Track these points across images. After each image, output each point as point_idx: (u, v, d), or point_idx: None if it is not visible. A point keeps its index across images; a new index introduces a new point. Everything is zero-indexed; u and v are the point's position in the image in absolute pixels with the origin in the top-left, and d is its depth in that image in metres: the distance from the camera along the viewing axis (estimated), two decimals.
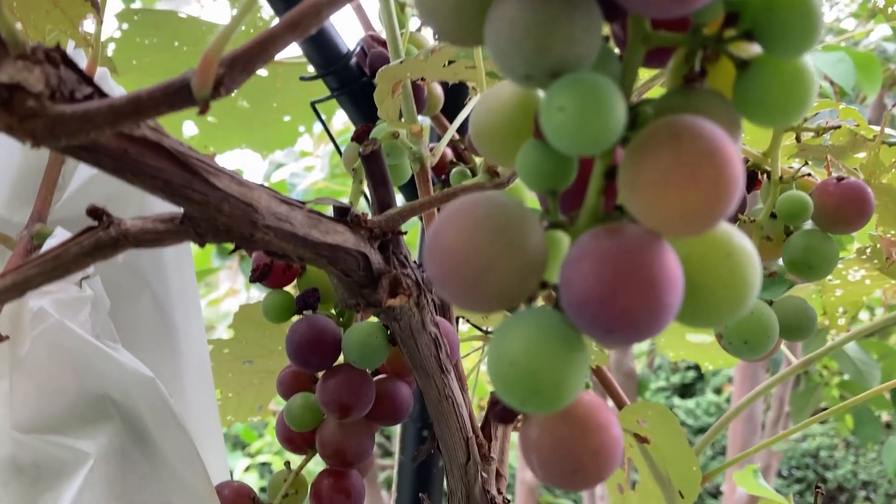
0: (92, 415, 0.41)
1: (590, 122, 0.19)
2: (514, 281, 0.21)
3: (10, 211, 0.45)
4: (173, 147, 0.27)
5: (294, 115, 0.91)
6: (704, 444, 0.69)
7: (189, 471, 0.41)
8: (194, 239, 0.29)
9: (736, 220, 0.40)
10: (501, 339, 0.21)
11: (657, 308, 0.19)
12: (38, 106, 0.22)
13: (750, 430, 2.11)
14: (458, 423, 0.39)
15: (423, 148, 0.49)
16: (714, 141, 0.19)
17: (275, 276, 0.44)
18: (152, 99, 0.23)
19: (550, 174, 0.22)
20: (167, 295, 0.49)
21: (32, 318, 0.39)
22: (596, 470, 0.23)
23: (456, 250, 0.21)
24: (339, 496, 0.44)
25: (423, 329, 0.36)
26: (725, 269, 0.21)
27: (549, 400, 0.20)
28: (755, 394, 0.73)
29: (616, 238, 0.19)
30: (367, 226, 0.34)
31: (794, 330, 0.37)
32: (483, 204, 0.21)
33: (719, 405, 4.42)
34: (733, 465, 0.71)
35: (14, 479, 0.40)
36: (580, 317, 0.19)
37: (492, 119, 0.25)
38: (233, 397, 0.62)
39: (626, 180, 0.20)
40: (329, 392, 0.42)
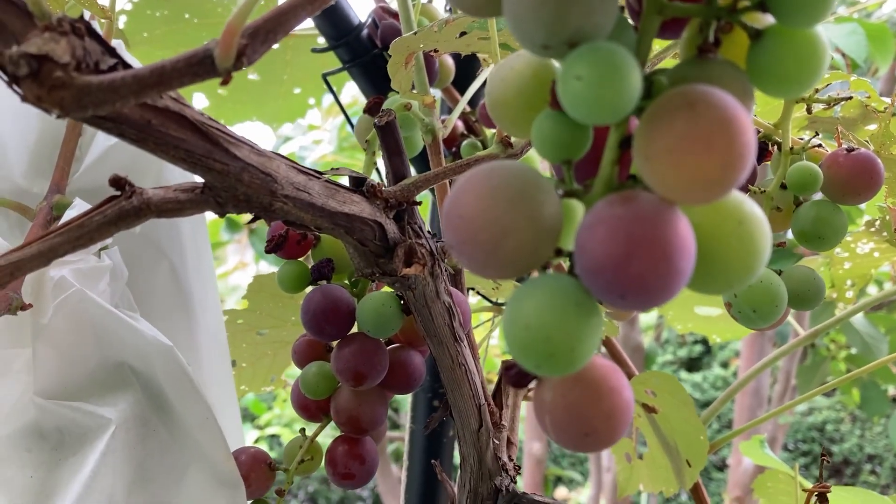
0: (112, 382, 0.42)
1: (606, 90, 0.19)
2: (531, 248, 0.21)
3: (28, 182, 0.46)
4: (195, 117, 0.27)
5: (304, 88, 0.91)
6: (711, 416, 0.69)
7: (207, 437, 0.42)
8: (215, 208, 0.30)
9: (746, 190, 0.40)
10: (517, 303, 0.21)
11: (670, 274, 0.19)
12: (65, 76, 0.23)
13: (756, 403, 2.13)
14: (470, 390, 0.40)
15: (435, 120, 0.50)
16: (728, 110, 0.19)
17: (289, 247, 0.45)
18: (176, 70, 0.24)
19: (566, 144, 0.23)
20: (184, 265, 0.50)
21: (53, 287, 0.40)
22: (607, 432, 0.23)
23: (474, 218, 0.21)
24: (353, 462, 0.45)
25: (438, 298, 0.37)
26: (736, 237, 0.21)
27: (563, 363, 0.21)
28: (761, 365, 0.73)
29: (630, 205, 0.20)
30: (383, 196, 0.34)
31: (803, 299, 0.38)
32: (499, 172, 0.22)
33: (726, 379, 4.44)
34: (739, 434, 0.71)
35: (37, 444, 0.41)
36: (594, 282, 0.20)
37: (507, 90, 0.25)
38: (247, 367, 0.63)
39: (641, 148, 0.20)
40: (343, 360, 0.43)
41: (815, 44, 0.21)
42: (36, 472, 0.40)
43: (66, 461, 0.41)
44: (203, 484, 0.42)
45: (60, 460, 0.41)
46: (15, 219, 0.45)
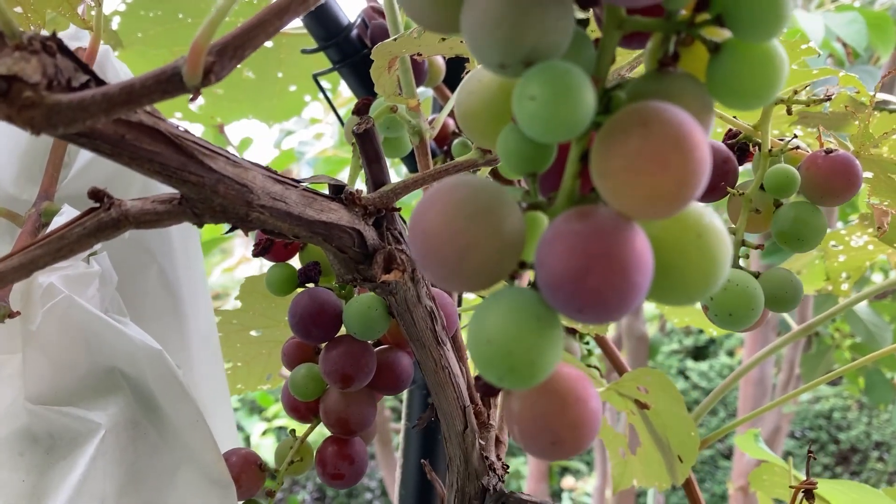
0: (102, 387, 0.43)
1: (559, 110, 0.19)
2: (494, 261, 0.22)
3: (18, 189, 0.47)
4: (169, 131, 0.28)
5: (300, 85, 0.91)
6: (710, 404, 0.70)
7: (197, 439, 0.43)
8: (192, 219, 0.30)
9: (725, 193, 0.40)
10: (480, 318, 0.22)
11: (626, 288, 0.20)
12: (35, 96, 0.23)
13: (760, 393, 2.13)
14: (454, 392, 0.40)
15: (422, 121, 0.50)
16: (682, 127, 0.19)
17: (277, 251, 0.45)
18: (145, 87, 0.24)
19: (529, 158, 0.23)
20: (173, 268, 0.50)
21: (42, 293, 0.41)
22: (573, 442, 0.24)
23: (437, 233, 0.22)
24: (342, 462, 0.45)
25: (419, 302, 0.37)
26: (696, 249, 0.22)
27: (524, 376, 0.21)
28: (762, 355, 0.74)
29: (587, 221, 0.20)
30: (362, 203, 0.34)
31: (780, 301, 0.38)
32: (462, 187, 0.22)
33: (732, 367, 4.44)
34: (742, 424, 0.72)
35: (30, 448, 0.42)
36: (553, 296, 0.20)
37: (474, 102, 0.26)
38: (242, 367, 0.64)
39: (597, 166, 0.20)
40: (331, 363, 0.43)
41: (771, 57, 0.21)
42: (28, 476, 0.41)
43: (57, 464, 0.41)
44: (194, 485, 0.43)
45: (52, 464, 0.42)
46: (5, 226, 0.46)
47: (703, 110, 0.22)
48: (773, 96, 0.22)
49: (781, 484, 0.77)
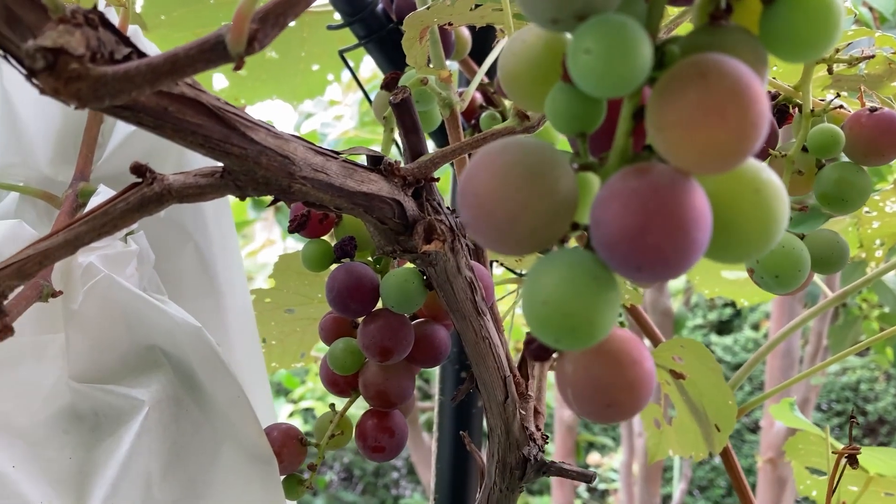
0: (144, 364, 0.43)
1: (616, 63, 0.19)
2: (546, 224, 0.21)
3: (54, 170, 0.47)
4: (211, 103, 0.28)
5: (322, 64, 0.91)
6: (741, 379, 0.69)
7: (239, 415, 0.43)
8: (234, 192, 0.30)
9: (767, 154, 0.40)
10: (534, 279, 0.21)
11: (686, 245, 0.19)
12: (81, 68, 0.23)
13: (787, 364, 2.11)
14: (495, 362, 0.40)
15: (452, 93, 0.50)
16: (740, 79, 0.19)
17: (312, 226, 0.45)
18: (189, 57, 0.24)
19: (579, 117, 0.23)
20: (209, 246, 0.50)
21: (82, 273, 0.41)
22: (629, 403, 0.23)
23: (487, 196, 0.21)
24: (383, 435, 0.45)
25: (459, 273, 0.37)
26: (753, 205, 0.21)
27: (583, 337, 0.21)
28: (792, 326, 0.73)
29: (645, 177, 0.20)
30: (401, 174, 0.34)
31: (826, 263, 0.38)
32: (513, 149, 0.22)
33: (757, 341, 4.42)
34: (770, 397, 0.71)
35: (75, 426, 0.42)
36: (611, 256, 0.20)
37: (519, 64, 0.25)
38: (276, 345, 0.64)
39: (654, 120, 0.20)
40: (370, 336, 0.43)
41: (828, 6, 0.21)
42: (74, 453, 0.41)
43: (103, 441, 0.42)
44: (236, 461, 0.43)
45: (97, 441, 0.42)
46: (42, 207, 0.46)
47: (758, 63, 0.22)
48: (831, 47, 0.21)
49: (817, 452, 0.77)
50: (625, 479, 2.64)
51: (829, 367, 3.78)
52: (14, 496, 0.37)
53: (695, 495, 4.31)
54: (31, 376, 0.41)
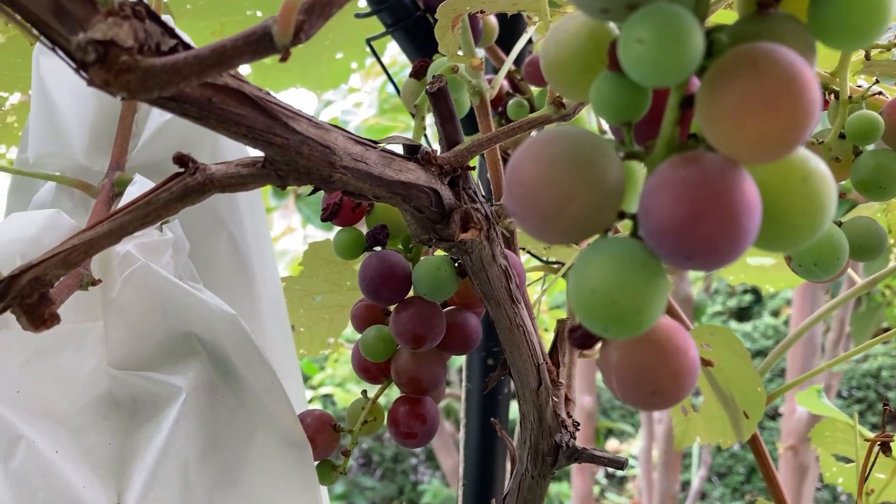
0: (180, 351, 0.43)
1: (668, 52, 0.19)
2: (593, 212, 0.22)
3: (89, 160, 0.47)
4: (254, 93, 0.28)
5: (346, 53, 0.91)
6: (766, 369, 0.69)
7: (273, 401, 0.44)
8: (276, 182, 0.31)
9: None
10: (582, 268, 0.21)
11: (737, 234, 0.20)
12: (130, 60, 0.23)
13: (809, 351, 2.10)
14: (529, 350, 0.41)
15: (482, 81, 0.50)
16: (793, 67, 0.19)
17: (344, 215, 0.45)
18: (236, 48, 0.24)
19: (625, 105, 0.23)
20: (242, 235, 0.51)
21: (120, 262, 0.42)
22: (674, 391, 0.24)
23: (535, 184, 0.22)
24: (415, 421, 0.46)
25: (494, 261, 0.37)
26: (802, 194, 0.21)
27: (631, 326, 0.21)
28: (816, 317, 0.73)
29: (695, 166, 0.20)
30: (437, 162, 0.34)
31: (864, 250, 0.37)
32: (560, 138, 0.22)
33: (777, 328, 4.39)
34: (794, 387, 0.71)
35: (113, 412, 0.43)
36: (661, 244, 0.20)
37: (562, 52, 0.25)
38: (304, 332, 0.65)
39: (704, 109, 0.20)
40: (402, 324, 0.44)
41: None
42: (114, 439, 0.42)
43: (141, 427, 0.42)
44: (271, 446, 0.44)
45: (136, 427, 0.43)
46: (78, 196, 0.47)
47: (807, 52, 0.22)
48: (881, 34, 0.21)
49: (844, 440, 0.77)
50: (644, 465, 2.64)
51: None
52: (58, 481, 0.38)
53: (713, 482, 4.31)
54: (71, 363, 0.42)
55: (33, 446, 0.39)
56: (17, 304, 0.30)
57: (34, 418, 0.40)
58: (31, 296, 0.30)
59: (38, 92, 0.46)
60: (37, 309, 0.30)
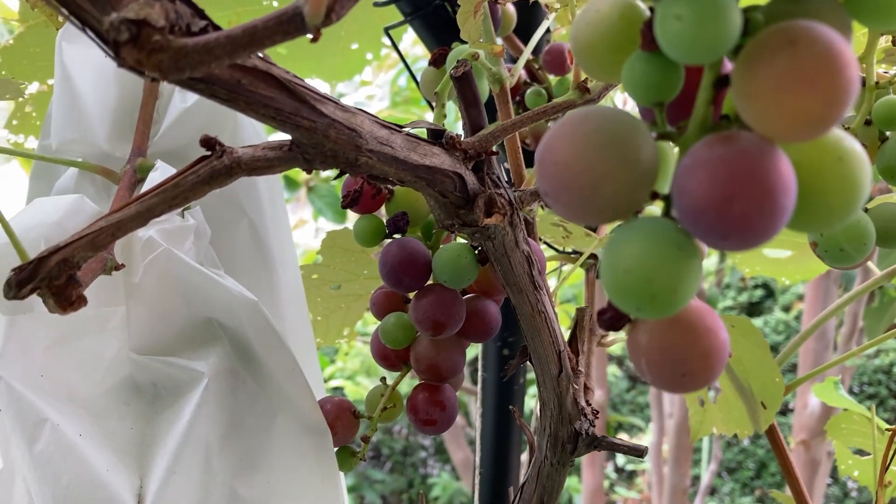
0: (202, 337, 0.44)
1: (707, 28, 0.19)
2: (628, 192, 0.22)
3: (111, 146, 0.48)
4: (282, 76, 0.28)
5: (362, 43, 0.91)
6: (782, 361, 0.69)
7: (293, 388, 0.44)
8: (302, 165, 0.31)
9: None
10: (615, 248, 0.21)
11: (773, 212, 0.19)
12: (163, 40, 0.23)
13: (822, 346, 2.09)
14: (550, 337, 0.41)
15: (502, 68, 0.49)
16: (832, 45, 0.19)
17: (364, 202, 0.45)
18: (267, 28, 0.24)
19: (658, 86, 0.23)
20: (262, 223, 0.51)
21: (142, 247, 0.42)
22: (704, 373, 0.23)
23: (569, 164, 0.22)
24: (434, 408, 0.46)
25: (517, 247, 0.37)
26: (837, 174, 0.21)
27: (666, 305, 0.21)
28: (831, 310, 0.72)
29: (730, 145, 0.20)
30: (462, 147, 0.34)
31: (891, 237, 0.37)
32: (594, 116, 0.22)
33: (788, 323, 4.37)
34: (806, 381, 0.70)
35: (135, 397, 0.43)
36: (696, 224, 0.20)
37: (593, 33, 0.25)
38: (321, 321, 0.65)
39: (741, 87, 0.20)
40: (422, 311, 0.44)
41: None
42: (135, 424, 0.42)
43: (163, 413, 0.43)
44: (292, 432, 0.44)
45: (157, 413, 0.43)
46: (100, 182, 0.47)
47: (843, 29, 0.21)
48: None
49: (860, 432, 0.76)
50: (654, 459, 2.64)
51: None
52: (82, 464, 0.38)
53: (723, 477, 4.30)
54: (94, 348, 0.42)
55: (57, 430, 0.39)
56: (45, 285, 0.30)
57: (58, 402, 0.40)
58: (59, 278, 0.30)
59: (61, 78, 0.46)
60: (64, 291, 0.30)
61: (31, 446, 0.39)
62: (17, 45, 0.68)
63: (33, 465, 0.38)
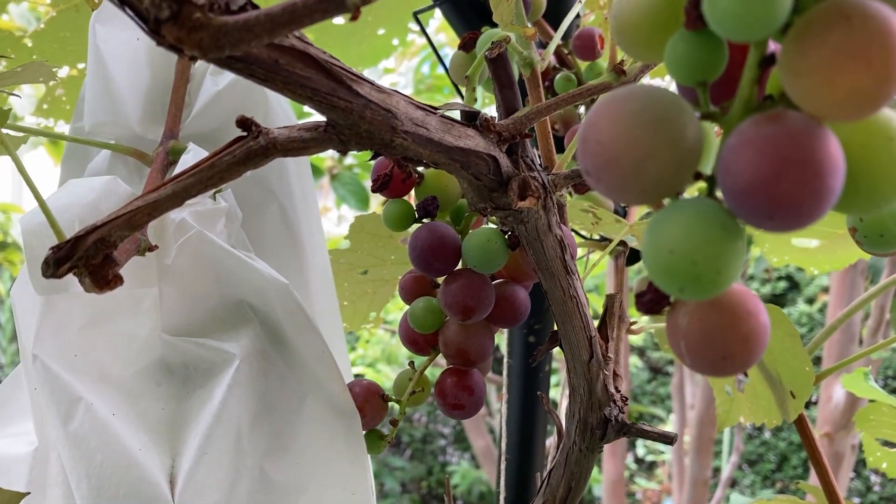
0: (233, 319, 0.44)
1: (758, 4, 0.19)
2: (672, 171, 0.21)
3: (143, 129, 0.48)
4: (319, 56, 0.28)
5: (388, 29, 0.91)
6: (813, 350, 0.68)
7: (323, 370, 0.44)
8: (337, 146, 0.30)
9: None
10: (658, 228, 0.21)
11: (821, 193, 0.19)
12: (203, 18, 0.23)
13: (847, 339, 2.07)
14: (582, 322, 0.40)
15: (533, 52, 0.49)
16: (886, 20, 0.19)
17: (394, 186, 0.45)
18: (307, 6, 0.24)
19: (702, 65, 0.23)
20: (292, 206, 0.51)
21: (175, 229, 0.42)
22: (745, 355, 0.23)
23: (613, 142, 0.21)
24: (462, 393, 0.46)
25: (549, 231, 0.37)
26: (887, 154, 0.21)
27: (709, 286, 0.21)
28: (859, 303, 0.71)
29: (778, 124, 0.20)
30: (496, 129, 0.34)
31: None
32: (638, 95, 0.22)
33: (812, 315, 4.33)
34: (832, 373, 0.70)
35: (166, 378, 0.44)
36: (742, 204, 0.20)
37: (635, 12, 0.25)
38: (348, 305, 0.65)
39: (791, 65, 0.20)
40: (452, 295, 0.43)
41: None
42: (167, 405, 0.43)
43: (194, 393, 0.43)
44: (321, 414, 0.44)
45: (188, 394, 0.43)
46: (133, 164, 0.47)
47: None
48: None
49: (890, 424, 0.76)
50: (675, 450, 2.63)
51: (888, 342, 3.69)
52: (115, 443, 0.39)
53: (744, 470, 4.28)
54: (127, 329, 0.42)
55: (91, 409, 0.39)
56: (82, 264, 0.30)
57: (91, 382, 0.41)
58: (96, 257, 0.30)
59: (94, 61, 0.47)
60: (101, 270, 0.31)
61: (65, 425, 0.39)
62: (49, 29, 0.69)
63: (68, 444, 0.39)
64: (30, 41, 0.69)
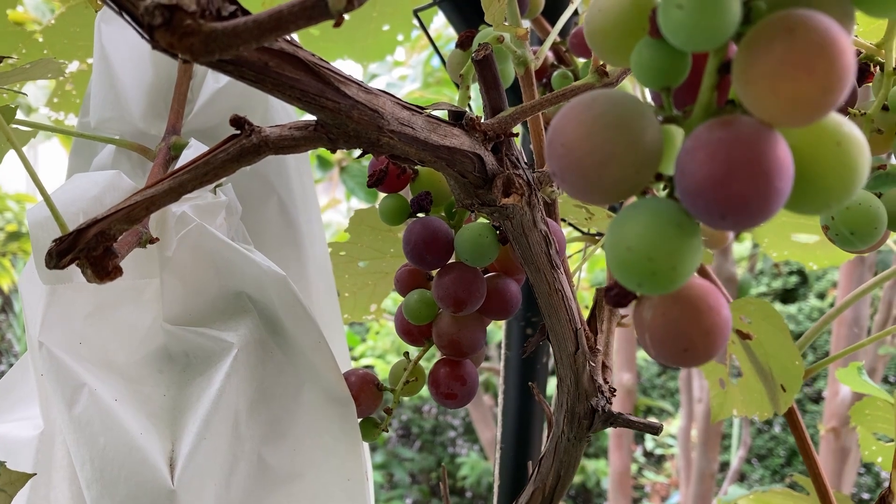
0: (232, 309, 0.45)
1: (707, 18, 0.20)
2: (633, 173, 0.22)
3: (147, 124, 0.49)
4: (307, 58, 0.29)
5: (393, 25, 0.92)
6: (805, 344, 0.69)
7: (319, 359, 0.45)
8: (326, 144, 0.32)
9: (846, 113, 0.40)
10: (619, 226, 0.22)
11: (769, 193, 0.20)
12: (194, 24, 0.25)
13: (855, 334, 2.07)
14: (567, 315, 0.42)
15: (527, 51, 0.50)
16: (828, 33, 0.20)
17: (390, 181, 0.47)
18: (292, 13, 0.25)
19: (665, 71, 0.24)
20: (292, 200, 0.53)
21: (176, 222, 0.44)
22: (706, 348, 0.24)
23: (576, 145, 0.23)
24: (455, 383, 0.47)
25: (534, 227, 0.38)
26: (834, 157, 0.22)
27: (665, 281, 0.22)
28: (860, 291, 0.72)
29: (730, 129, 0.21)
30: (481, 128, 0.35)
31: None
32: (601, 100, 0.23)
33: (822, 310, 4.32)
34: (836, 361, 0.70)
35: (168, 366, 0.45)
36: (696, 203, 0.21)
37: (605, 19, 0.26)
38: (349, 297, 0.66)
39: (740, 73, 0.21)
40: (444, 288, 0.45)
41: None
42: (168, 391, 0.44)
43: (194, 381, 0.44)
44: (317, 402, 0.46)
45: (189, 380, 0.45)
46: (136, 159, 0.49)
47: (845, 18, 0.22)
48: None
49: (885, 418, 0.76)
50: (683, 444, 2.63)
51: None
52: (118, 427, 0.40)
53: (753, 464, 4.28)
54: (130, 318, 0.44)
55: (95, 394, 0.41)
56: (83, 256, 0.32)
57: (95, 368, 0.42)
58: (97, 249, 0.32)
59: (100, 59, 0.48)
60: (101, 261, 0.32)
61: (70, 409, 0.41)
62: (58, 25, 0.70)
63: (72, 428, 0.40)
64: (40, 37, 0.71)
